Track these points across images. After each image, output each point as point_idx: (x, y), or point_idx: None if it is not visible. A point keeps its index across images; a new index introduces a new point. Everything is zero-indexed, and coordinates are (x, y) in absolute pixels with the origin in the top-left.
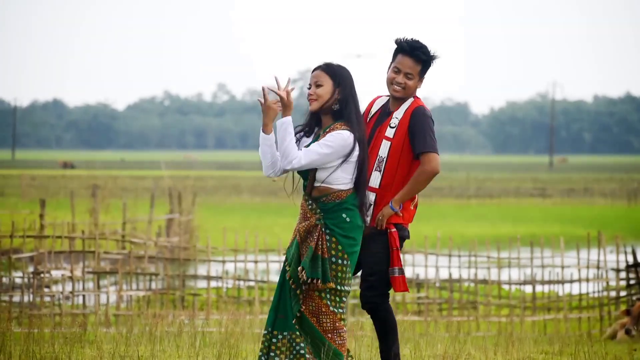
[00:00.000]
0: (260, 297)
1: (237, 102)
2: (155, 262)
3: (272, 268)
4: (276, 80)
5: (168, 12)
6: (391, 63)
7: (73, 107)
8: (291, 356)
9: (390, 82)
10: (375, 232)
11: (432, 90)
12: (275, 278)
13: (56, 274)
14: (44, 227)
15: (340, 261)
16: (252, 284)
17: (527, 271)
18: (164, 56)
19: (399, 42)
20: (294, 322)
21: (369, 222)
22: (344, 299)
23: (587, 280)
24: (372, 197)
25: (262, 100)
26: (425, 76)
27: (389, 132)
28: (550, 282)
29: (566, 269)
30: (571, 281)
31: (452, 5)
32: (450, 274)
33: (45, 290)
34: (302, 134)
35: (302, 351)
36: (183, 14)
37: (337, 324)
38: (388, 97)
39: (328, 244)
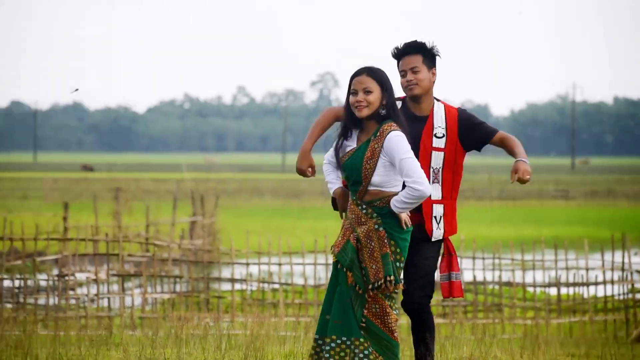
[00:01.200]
0: (284, 300)
1: (257, 104)
2: (179, 264)
3: (296, 270)
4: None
5: (188, 14)
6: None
7: (94, 110)
8: None
9: (405, 87)
10: (428, 238)
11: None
12: (299, 280)
13: (81, 276)
14: (67, 230)
15: (399, 264)
16: (276, 286)
17: (552, 273)
18: (184, 59)
19: (393, 52)
20: (360, 327)
21: (441, 234)
22: (398, 299)
23: (612, 282)
24: (440, 209)
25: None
26: (435, 67)
27: (438, 143)
28: (575, 284)
29: (591, 271)
30: (596, 283)
31: (472, 8)
32: (474, 277)
33: (70, 292)
34: (342, 139)
35: (368, 357)
36: (203, 16)
37: (395, 325)
38: (401, 101)
39: (392, 248)
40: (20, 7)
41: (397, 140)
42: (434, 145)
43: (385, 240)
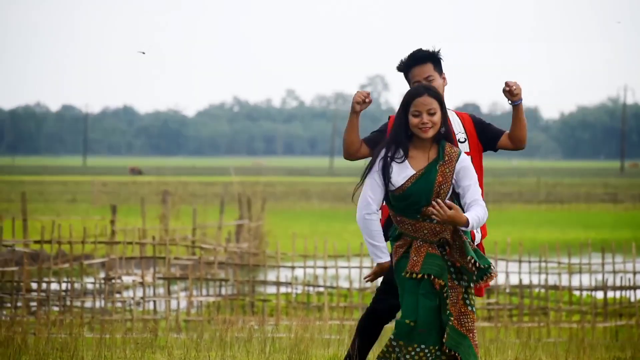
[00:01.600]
0: (329, 303)
1: (306, 108)
2: (225, 267)
3: (342, 274)
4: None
5: (237, 18)
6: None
7: (144, 114)
8: None
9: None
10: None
11: (501, 95)
12: (344, 284)
13: (127, 279)
14: (115, 233)
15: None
16: (321, 289)
17: (599, 277)
18: (233, 62)
19: (401, 67)
20: (445, 335)
21: (479, 238)
22: (473, 296)
23: None
24: None
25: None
26: (444, 71)
27: (463, 147)
28: (621, 287)
29: (638, 275)
30: None
31: (521, 11)
32: (520, 280)
33: (117, 295)
34: (388, 160)
35: None
36: (252, 20)
37: (473, 324)
38: None
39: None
40: (70, 13)
41: (469, 165)
42: (462, 149)
43: (460, 232)
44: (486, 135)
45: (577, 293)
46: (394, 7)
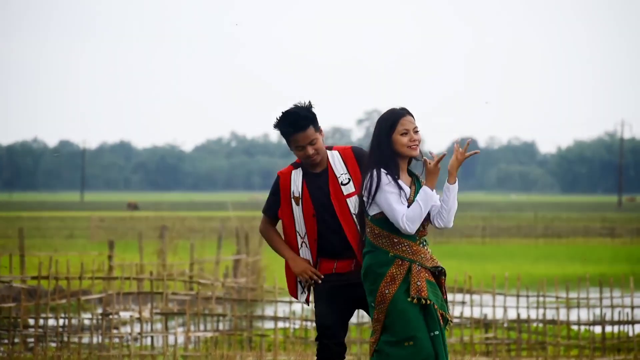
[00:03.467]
0: None
1: None
2: (223, 302)
3: None
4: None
5: (233, 53)
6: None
7: (141, 149)
8: None
9: (307, 158)
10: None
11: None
12: None
13: (125, 315)
14: (112, 269)
15: None
16: None
17: (597, 311)
18: (230, 97)
19: (282, 132)
20: None
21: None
22: None
23: None
24: None
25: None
26: (319, 126)
27: (348, 189)
28: (619, 322)
29: (636, 309)
30: None
31: (519, 46)
32: (518, 314)
33: (114, 331)
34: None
35: None
36: (247, 55)
37: None
38: (292, 169)
39: None
40: (67, 49)
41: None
42: (344, 193)
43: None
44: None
45: (575, 328)
46: (392, 43)
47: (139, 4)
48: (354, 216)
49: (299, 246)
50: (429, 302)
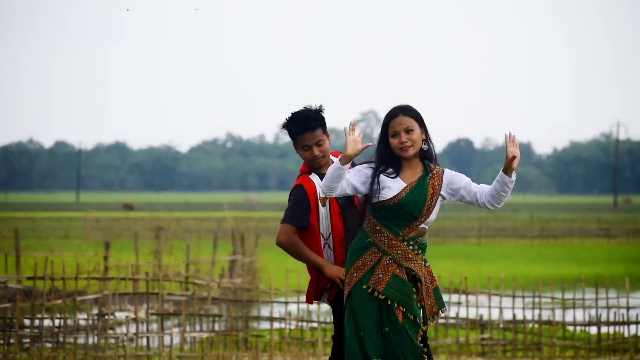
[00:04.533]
0: (323, 338)
1: None
2: (219, 303)
3: None
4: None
5: (229, 54)
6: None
7: (137, 150)
8: None
9: (313, 159)
10: None
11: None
12: None
13: (120, 315)
14: (108, 269)
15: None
16: (315, 325)
17: (592, 312)
18: (226, 98)
19: (290, 131)
20: None
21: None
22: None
23: None
24: None
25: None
26: (327, 130)
27: None
28: (615, 323)
29: (632, 310)
30: (637, 322)
31: (515, 48)
32: (514, 315)
33: (110, 332)
34: (379, 172)
35: None
36: (245, 55)
37: None
38: (308, 176)
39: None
40: (63, 49)
41: (456, 172)
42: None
43: (432, 275)
44: None
45: (570, 328)
46: (387, 42)
47: (133, 5)
48: None
49: (322, 248)
50: (381, 296)
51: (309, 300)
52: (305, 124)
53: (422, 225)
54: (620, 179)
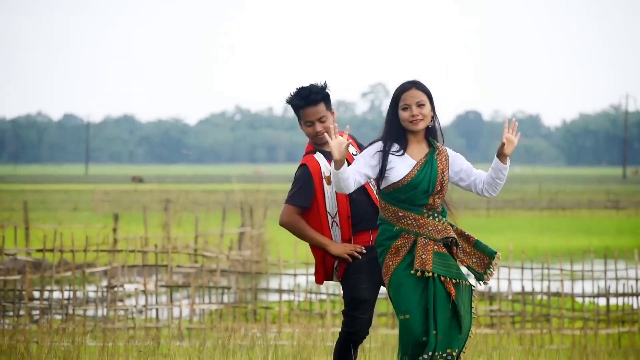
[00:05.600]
0: (332, 310)
1: None
2: (227, 275)
3: None
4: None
5: (238, 27)
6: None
7: (145, 122)
8: None
9: (315, 135)
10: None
11: (504, 103)
12: None
13: (129, 287)
14: (117, 241)
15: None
16: (323, 297)
17: (601, 284)
18: (234, 70)
19: (292, 104)
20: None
21: None
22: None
23: None
24: None
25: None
26: (331, 107)
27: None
28: (624, 294)
29: None
30: None
31: (523, 18)
32: (523, 287)
33: (119, 304)
34: (386, 152)
35: None
36: (253, 28)
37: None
38: (312, 155)
39: None
40: (71, 22)
41: (456, 153)
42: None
43: (465, 232)
44: None
45: (579, 300)
46: (397, 14)
47: None
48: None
49: (330, 226)
50: (431, 274)
51: (319, 281)
52: (308, 98)
53: (438, 199)
54: (629, 151)
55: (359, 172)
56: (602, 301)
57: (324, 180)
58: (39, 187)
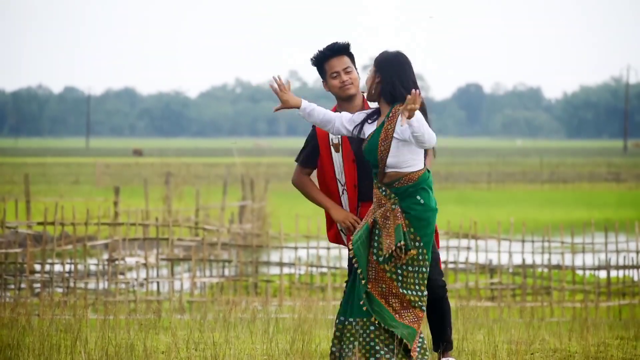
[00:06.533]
0: (332, 284)
1: (309, 89)
2: (228, 248)
3: (344, 254)
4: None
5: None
6: (323, 80)
7: (146, 95)
8: (363, 342)
9: (339, 87)
10: None
11: (505, 76)
12: (346, 264)
13: (130, 261)
14: (118, 215)
15: (412, 243)
16: (324, 270)
17: (602, 256)
18: (235, 43)
19: (318, 58)
20: (361, 304)
21: None
22: (417, 281)
23: None
24: None
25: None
26: (355, 66)
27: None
28: (625, 267)
29: None
30: None
31: None
32: (523, 260)
33: (120, 277)
34: (364, 122)
35: (371, 336)
36: (254, 1)
37: (404, 304)
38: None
39: (406, 223)
40: None
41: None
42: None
43: (399, 215)
44: None
45: (580, 272)
46: None
47: None
48: None
49: (340, 193)
50: (350, 247)
51: (331, 239)
52: (333, 49)
53: (392, 170)
54: (630, 123)
55: (341, 122)
56: (602, 274)
57: (332, 147)
58: (40, 160)
